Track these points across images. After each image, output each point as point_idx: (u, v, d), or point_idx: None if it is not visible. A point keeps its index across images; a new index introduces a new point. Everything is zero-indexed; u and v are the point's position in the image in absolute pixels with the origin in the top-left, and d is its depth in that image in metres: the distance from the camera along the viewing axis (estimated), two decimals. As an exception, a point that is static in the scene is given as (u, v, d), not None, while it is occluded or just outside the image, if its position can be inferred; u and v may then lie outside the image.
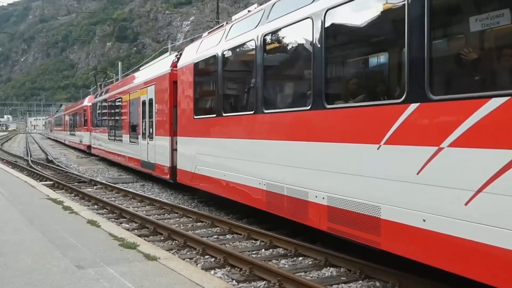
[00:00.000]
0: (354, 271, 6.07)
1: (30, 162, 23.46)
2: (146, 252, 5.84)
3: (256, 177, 8.02)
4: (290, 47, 7.80)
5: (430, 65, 4.65)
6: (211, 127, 10.12)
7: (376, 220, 5.26)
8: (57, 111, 74.39)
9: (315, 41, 6.42)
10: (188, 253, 7.32)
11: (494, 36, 4.49)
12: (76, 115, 36.95)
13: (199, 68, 11.01)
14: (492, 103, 4.02)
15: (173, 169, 12.57)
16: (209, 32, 11.53)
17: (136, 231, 8.66)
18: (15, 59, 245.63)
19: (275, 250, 7.42)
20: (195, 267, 5.92)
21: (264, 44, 7.89)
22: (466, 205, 4.21)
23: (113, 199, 12.79)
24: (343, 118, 6.01)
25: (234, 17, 10.18)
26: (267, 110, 7.76)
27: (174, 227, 8.64)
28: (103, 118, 24.27)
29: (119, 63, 45.95)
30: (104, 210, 11.08)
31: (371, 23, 5.89)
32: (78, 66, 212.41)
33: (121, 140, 19.39)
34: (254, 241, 7.97)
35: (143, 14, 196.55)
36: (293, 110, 7.13)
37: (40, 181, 15.67)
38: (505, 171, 3.89)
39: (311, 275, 6.16)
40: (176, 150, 12.40)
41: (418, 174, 4.70)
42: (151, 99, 14.71)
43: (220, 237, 8.34)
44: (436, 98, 4.59)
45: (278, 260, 6.85)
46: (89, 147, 29.10)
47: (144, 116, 15.65)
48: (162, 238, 8.20)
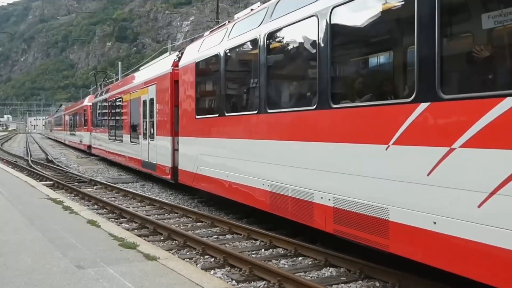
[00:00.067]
0: (354, 271, 6.07)
1: (30, 162, 23.46)
2: (146, 252, 5.84)
3: (260, 177, 7.92)
4: (294, 45, 7.66)
5: (441, 63, 4.53)
6: (213, 127, 10.02)
7: (384, 222, 5.14)
8: (57, 111, 74.40)
9: (321, 39, 6.29)
10: (188, 253, 7.32)
11: (508, 34, 4.39)
12: (76, 115, 36.93)
13: (201, 67, 10.91)
14: (507, 102, 3.91)
15: (174, 169, 12.49)
16: (211, 31, 11.43)
17: (136, 231, 8.66)
18: (15, 59, 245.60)
19: (275, 250, 7.42)
20: (195, 267, 5.92)
21: (267, 43, 7.77)
22: (479, 207, 4.10)
23: (113, 199, 12.79)
24: (350, 118, 5.88)
25: (237, 15, 10.08)
26: (270, 109, 7.65)
27: (174, 227, 8.64)
28: (103, 118, 24.19)
29: (119, 63, 45.89)
30: (104, 210, 11.08)
31: (378, 21, 5.77)
32: (78, 66, 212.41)
33: (121, 140, 19.30)
34: (254, 241, 7.97)
35: (143, 14, 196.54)
36: (297, 110, 7.02)
37: (40, 181, 15.66)
38: None
39: (311, 275, 6.16)
40: (177, 150, 12.31)
41: (428, 176, 4.59)
42: (152, 98, 14.63)
43: (220, 237, 8.34)
44: (447, 97, 4.46)
45: (278, 260, 6.85)
46: (89, 147, 29.03)
47: (145, 116, 15.58)
48: (162, 238, 8.20)
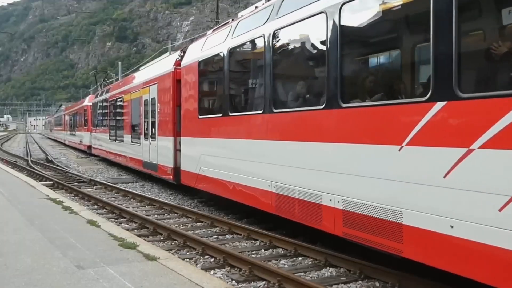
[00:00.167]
0: (353, 271, 6.06)
1: (30, 162, 23.45)
2: (146, 252, 5.84)
3: (265, 179, 7.74)
4: (302, 43, 7.45)
5: (458, 60, 4.33)
6: (216, 127, 9.85)
7: (398, 226, 4.95)
8: (57, 111, 74.39)
9: (330, 36, 6.09)
10: (187, 253, 7.32)
11: None
12: (77, 115, 36.90)
13: (204, 66, 10.74)
14: None
15: (176, 170, 12.35)
16: (214, 30, 11.26)
17: (135, 231, 8.66)
18: (15, 59, 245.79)
19: (274, 250, 7.42)
20: (194, 267, 5.92)
21: (273, 41, 7.59)
22: (500, 211, 3.93)
23: (112, 199, 12.78)
24: (360, 117, 5.66)
25: (241, 13, 9.91)
26: (276, 109, 7.47)
27: (173, 227, 8.64)
28: (104, 118, 24.08)
29: (119, 63, 45.92)
30: (104, 210, 11.08)
31: (390, 17, 5.61)
32: (78, 66, 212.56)
33: (122, 140, 19.16)
34: (253, 241, 7.97)
35: (143, 14, 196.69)
36: (305, 110, 6.85)
37: (40, 181, 15.66)
38: None
39: (310, 275, 6.16)
40: (179, 150, 12.16)
41: (445, 178, 4.40)
42: (154, 98, 14.51)
43: (220, 237, 8.34)
44: (465, 96, 4.28)
45: (277, 260, 6.85)
46: (89, 147, 28.95)
47: (146, 116, 15.44)
48: (162, 238, 8.20)
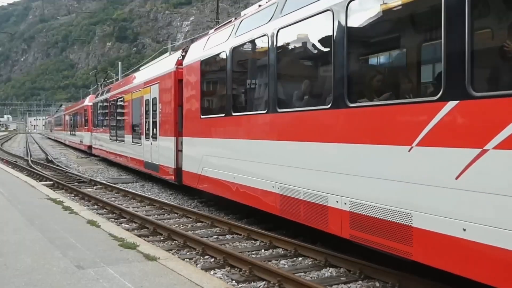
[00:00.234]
0: (354, 272, 6.06)
1: (30, 162, 23.46)
2: (146, 252, 5.84)
3: (269, 180, 7.62)
4: (307, 42, 7.29)
5: (472, 58, 4.20)
6: (219, 127, 9.74)
7: (407, 228, 4.83)
8: (57, 111, 74.38)
9: (337, 34, 5.96)
10: (188, 253, 7.32)
11: None
12: (77, 115, 36.90)
13: (206, 65, 10.65)
14: None
15: (178, 170, 12.25)
16: (216, 29, 11.17)
17: (136, 231, 8.66)
18: (15, 59, 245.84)
19: (275, 250, 7.41)
20: (194, 267, 5.92)
21: (278, 40, 7.45)
22: None
23: (113, 199, 12.78)
24: (368, 117, 5.51)
25: (244, 12, 9.79)
26: (281, 109, 7.35)
27: (174, 227, 8.64)
28: (104, 118, 24.00)
29: (119, 63, 45.93)
30: (104, 210, 11.08)
31: (399, 14, 5.51)
32: (78, 66, 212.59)
33: (123, 141, 19.07)
34: (254, 241, 7.97)
35: (143, 14, 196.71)
36: (310, 109, 6.74)
37: (40, 181, 15.66)
38: None
39: (310, 276, 6.16)
40: (181, 151, 12.06)
41: (457, 179, 4.27)
42: (155, 98, 14.40)
43: (220, 237, 8.34)
44: (478, 95, 4.15)
45: (278, 260, 6.85)
46: (90, 147, 28.91)
47: (147, 116, 15.34)
48: (162, 238, 8.20)
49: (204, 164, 10.38)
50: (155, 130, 14.43)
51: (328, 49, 6.28)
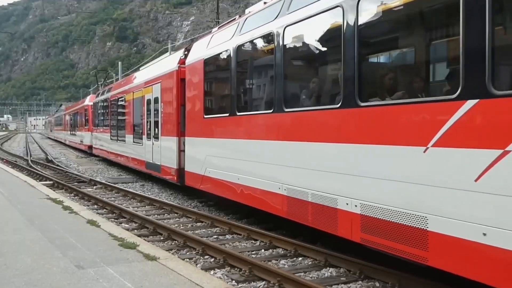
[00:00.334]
0: (353, 272, 6.06)
1: (30, 162, 23.47)
2: (146, 252, 5.84)
3: (275, 181, 7.44)
4: (315, 39, 7.07)
5: (492, 54, 4.02)
6: (223, 127, 9.56)
7: (423, 232, 4.66)
8: (57, 111, 74.34)
9: (347, 31, 5.76)
10: (187, 253, 7.32)
11: None
12: (77, 114, 36.86)
13: (209, 64, 10.44)
14: None
15: (180, 171, 12.08)
16: (219, 27, 10.98)
17: (135, 231, 8.66)
18: (15, 59, 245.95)
19: (274, 250, 7.42)
20: (194, 267, 5.92)
21: (284, 37, 7.24)
22: None
23: (112, 199, 12.78)
24: (380, 117, 5.32)
25: (248, 10, 9.56)
26: (288, 108, 7.15)
27: (173, 227, 8.64)
28: (105, 117, 23.88)
29: (119, 63, 45.89)
30: (104, 210, 11.08)
31: (414, 9, 5.34)
32: (78, 66, 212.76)
33: (124, 141, 18.95)
34: (253, 241, 7.97)
35: (143, 14, 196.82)
36: (319, 109, 6.57)
37: (40, 181, 15.66)
38: None
39: (310, 276, 6.16)
40: (183, 151, 11.90)
41: (476, 181, 4.10)
42: (157, 97, 14.25)
43: (220, 237, 8.34)
44: (499, 93, 3.97)
45: (277, 260, 6.85)
46: (90, 147, 28.84)
47: (149, 116, 15.19)
48: (162, 238, 8.20)
49: (207, 164, 10.21)
50: (156, 130, 14.29)
51: (338, 46, 6.03)
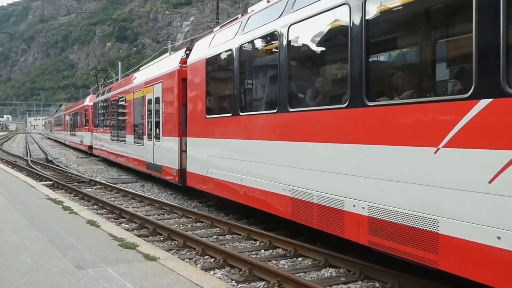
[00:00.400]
0: (353, 272, 6.06)
1: (30, 162, 23.46)
2: (146, 252, 5.84)
3: (280, 182, 7.32)
4: (321, 38, 6.94)
5: (507, 52, 3.90)
6: (226, 127, 9.44)
7: (433, 235, 4.53)
8: (56, 111, 74.30)
9: (353, 29, 5.64)
10: (187, 253, 7.32)
11: None
12: (77, 115, 36.83)
13: (212, 64, 10.31)
14: None
15: (181, 171, 12.00)
16: (221, 26, 10.84)
17: (135, 231, 8.66)
18: (15, 59, 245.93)
19: (274, 250, 7.42)
20: (194, 268, 5.92)
21: (289, 36, 7.12)
22: None
23: (112, 199, 12.78)
24: (389, 117, 5.19)
25: (251, 8, 9.43)
26: (292, 108, 7.03)
27: (173, 228, 8.64)
28: (105, 118, 23.82)
29: (119, 63, 45.89)
30: (104, 210, 11.08)
31: (424, 5, 5.22)
32: (78, 66, 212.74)
33: (124, 141, 18.85)
34: (253, 241, 7.97)
35: (143, 15, 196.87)
36: (325, 109, 6.45)
37: (40, 181, 15.66)
38: None
39: (310, 276, 6.16)
40: (185, 151, 11.78)
41: (490, 183, 3.98)
42: (158, 97, 14.17)
43: (220, 237, 8.34)
44: None
45: (277, 260, 6.85)
46: (90, 147, 28.80)
47: (150, 116, 15.10)
48: (162, 239, 8.20)
49: (209, 165, 10.09)
50: (157, 130, 14.21)
51: (344, 45, 5.91)
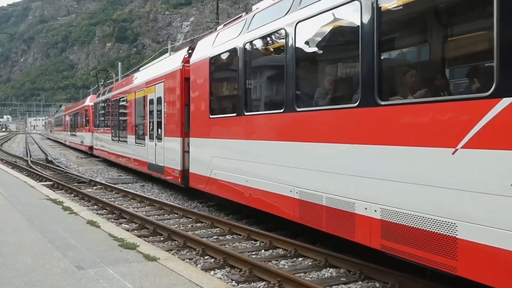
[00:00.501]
0: (353, 272, 6.06)
1: (30, 163, 23.45)
2: (146, 252, 5.84)
3: (286, 184, 7.16)
4: (329, 35, 6.75)
5: None
6: (230, 127, 9.26)
7: (451, 240, 4.37)
8: (57, 111, 74.26)
9: (365, 26, 5.46)
10: (188, 253, 7.32)
11: None
12: (77, 115, 36.76)
13: (215, 62, 10.13)
14: None
15: (184, 172, 11.85)
16: (225, 24, 10.66)
17: (136, 231, 8.65)
18: (15, 60, 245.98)
19: (275, 250, 7.41)
20: (195, 268, 5.92)
21: (296, 34, 6.94)
22: None
23: (113, 199, 12.78)
24: (403, 116, 5.02)
25: (255, 6, 9.24)
26: (300, 108, 6.85)
27: (174, 228, 8.63)
28: (106, 118, 23.69)
29: (119, 64, 45.89)
30: (104, 210, 11.08)
31: (440, 0, 5.04)
32: (78, 66, 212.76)
33: (126, 141, 18.71)
34: (254, 241, 7.96)
35: (142, 15, 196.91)
36: (334, 108, 6.27)
37: (40, 181, 15.66)
38: None
39: (310, 276, 6.16)
40: (187, 152, 11.60)
41: None
42: (160, 97, 14.03)
43: (220, 237, 8.34)
44: None
45: (278, 260, 6.85)
46: (90, 148, 28.73)
47: (151, 116, 14.96)
48: (162, 239, 8.19)
49: (213, 166, 9.93)
50: (159, 130, 14.07)
51: (354, 42, 5.72)
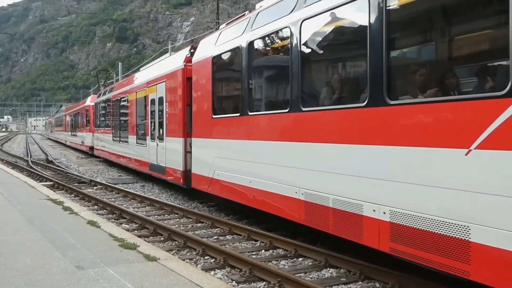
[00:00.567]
0: (354, 272, 6.06)
1: (30, 163, 23.46)
2: (146, 252, 5.84)
3: (291, 185, 7.04)
4: (336, 33, 6.61)
5: None
6: (233, 127, 9.11)
7: (464, 243, 4.26)
8: (57, 111, 74.27)
9: (373, 23, 5.35)
10: (188, 253, 7.32)
11: None
12: (78, 115, 36.74)
13: (218, 62, 10.00)
14: None
15: (186, 173, 11.74)
16: (228, 23, 10.51)
17: (136, 231, 8.65)
18: (15, 60, 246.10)
19: (275, 251, 7.41)
20: (195, 268, 5.92)
21: (301, 32, 6.82)
22: None
23: (113, 199, 12.78)
24: (413, 116, 4.91)
25: (259, 4, 9.08)
26: (305, 108, 6.74)
27: (174, 228, 8.63)
28: (107, 118, 23.66)
29: (119, 64, 45.91)
30: (104, 210, 11.08)
31: None
32: (78, 66, 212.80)
33: (127, 142, 18.63)
34: (254, 241, 7.96)
35: (143, 15, 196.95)
36: (341, 108, 6.15)
37: (40, 181, 15.67)
38: None
39: (311, 276, 6.16)
40: (190, 152, 11.53)
41: None
42: (161, 97, 13.95)
43: (220, 237, 8.34)
44: None
45: (278, 261, 6.84)
46: (91, 148, 28.74)
47: (153, 116, 14.91)
48: (162, 239, 8.19)
49: (216, 167, 9.79)
50: (161, 130, 13.98)
51: (362, 40, 5.59)
